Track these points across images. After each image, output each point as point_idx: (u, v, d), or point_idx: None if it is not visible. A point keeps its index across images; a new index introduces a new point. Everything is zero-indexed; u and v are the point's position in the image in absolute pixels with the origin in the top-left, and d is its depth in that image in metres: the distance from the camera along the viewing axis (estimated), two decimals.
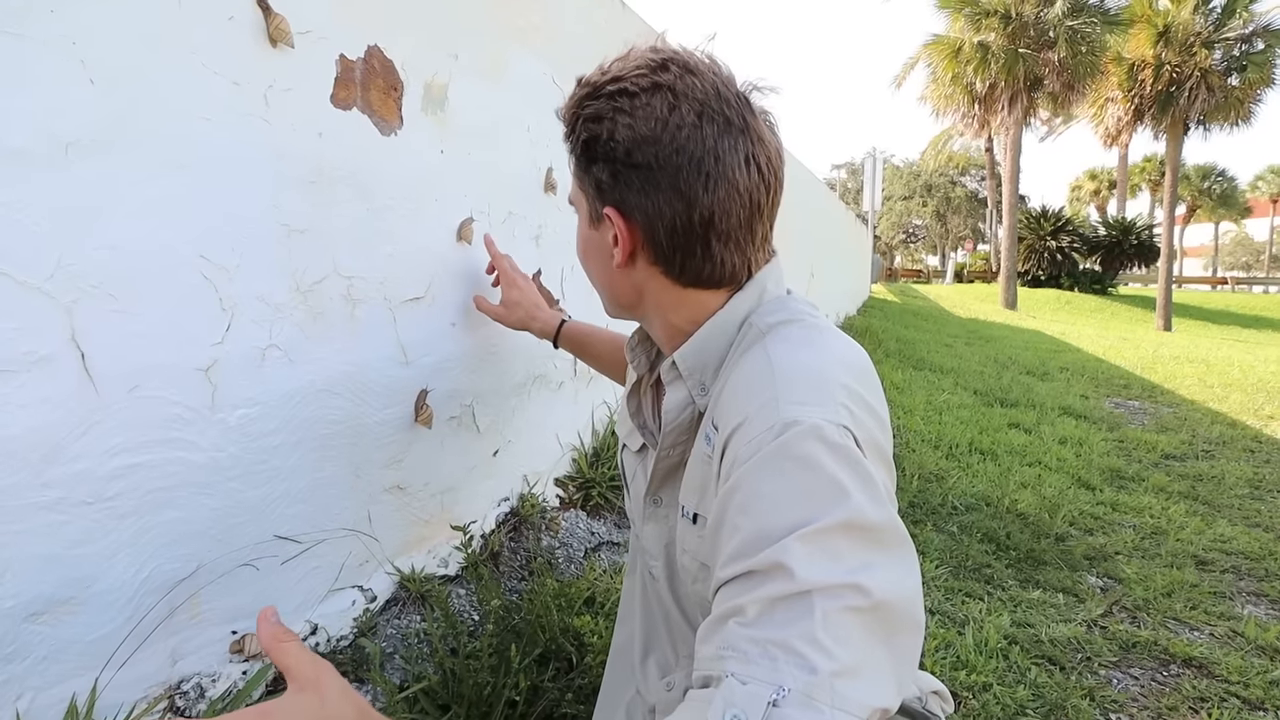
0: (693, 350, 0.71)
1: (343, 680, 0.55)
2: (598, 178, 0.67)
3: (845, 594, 0.49)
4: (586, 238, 0.75)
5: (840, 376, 0.61)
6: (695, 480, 0.69)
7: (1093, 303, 18.10)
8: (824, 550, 0.50)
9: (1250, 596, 2.06)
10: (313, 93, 1.08)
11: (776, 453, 0.55)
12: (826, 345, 0.65)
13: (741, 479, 0.56)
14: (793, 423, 0.55)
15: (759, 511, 0.54)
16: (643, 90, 0.64)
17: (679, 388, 0.71)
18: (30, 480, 0.77)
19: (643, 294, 0.73)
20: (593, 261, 0.76)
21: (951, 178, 38.10)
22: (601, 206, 0.68)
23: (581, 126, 0.67)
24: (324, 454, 1.11)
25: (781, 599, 0.49)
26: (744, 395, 0.62)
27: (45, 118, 0.77)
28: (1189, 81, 14.79)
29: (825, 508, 0.52)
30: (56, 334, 0.78)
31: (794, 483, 0.54)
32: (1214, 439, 4.03)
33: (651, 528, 0.81)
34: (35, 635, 0.79)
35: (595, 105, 0.65)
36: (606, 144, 0.65)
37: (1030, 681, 1.53)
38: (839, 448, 0.54)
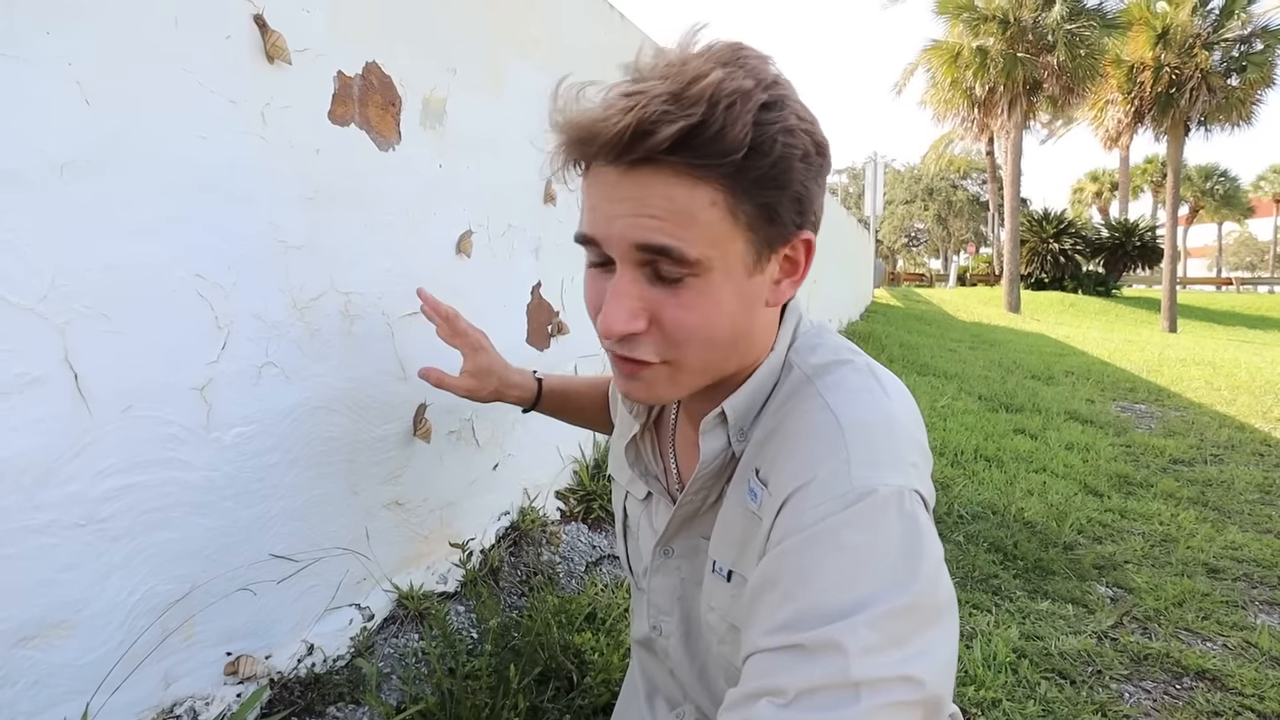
0: (744, 399, 0.63)
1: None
2: (803, 197, 0.55)
3: (896, 688, 0.46)
4: (744, 292, 0.57)
5: (909, 428, 0.57)
6: (733, 535, 0.63)
7: (1097, 305, 18.04)
8: (885, 635, 0.47)
9: (1263, 605, 2.04)
10: (310, 110, 1.07)
11: (847, 523, 0.51)
12: (887, 394, 0.59)
13: (803, 545, 0.52)
14: (868, 492, 0.51)
15: (820, 584, 0.49)
16: (792, 91, 0.55)
17: (718, 435, 0.64)
18: (22, 503, 0.76)
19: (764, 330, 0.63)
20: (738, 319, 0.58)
21: (953, 181, 38.10)
22: (797, 233, 0.57)
23: (781, 143, 0.52)
24: (321, 471, 1.10)
25: (827, 687, 0.46)
26: (807, 453, 0.55)
27: (40, 139, 0.76)
28: (1189, 83, 14.79)
29: (893, 588, 0.48)
30: (49, 355, 0.77)
31: (862, 559, 0.50)
32: (1222, 443, 4.00)
33: (660, 580, 0.75)
34: (26, 660, 0.78)
35: (782, 117, 0.53)
36: (815, 156, 0.55)
37: (1040, 697, 1.50)
38: (910, 518, 0.51)
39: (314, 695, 1.02)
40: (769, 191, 0.53)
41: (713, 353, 0.59)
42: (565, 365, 1.82)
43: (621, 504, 0.83)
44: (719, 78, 0.50)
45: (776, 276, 0.59)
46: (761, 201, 0.54)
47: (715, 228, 0.53)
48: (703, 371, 0.60)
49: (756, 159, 0.52)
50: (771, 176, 0.53)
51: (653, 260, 0.55)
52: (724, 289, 0.55)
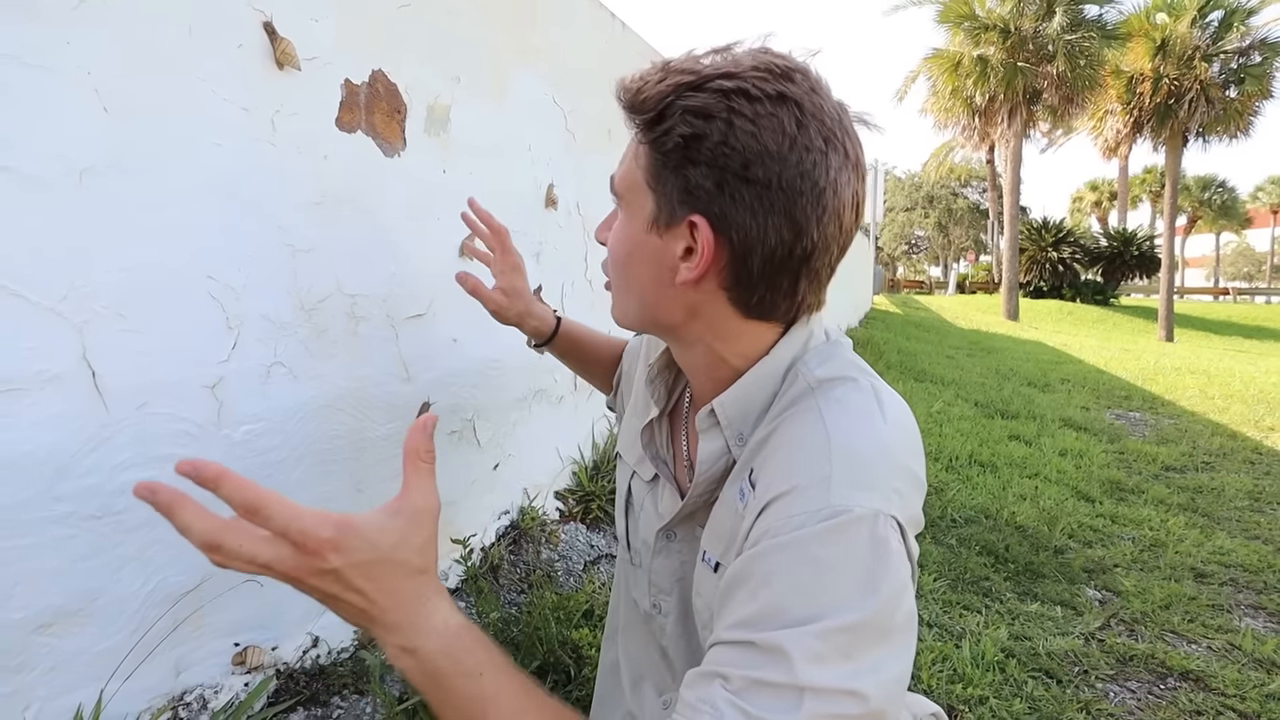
0: (734, 399, 0.65)
1: (433, 532, 0.58)
2: (694, 181, 0.58)
3: (840, 700, 0.48)
4: (638, 241, 0.64)
5: (899, 457, 0.58)
6: (722, 529, 0.65)
7: (1094, 313, 18.10)
8: (833, 647, 0.49)
9: (1248, 609, 2.07)
10: (318, 116, 1.11)
11: (817, 538, 0.52)
12: (884, 419, 0.60)
13: (773, 550, 0.54)
14: (843, 511, 0.53)
15: (782, 589, 0.52)
16: (767, 97, 0.56)
17: (715, 436, 0.66)
18: (42, 494, 0.79)
19: (693, 318, 0.65)
20: (639, 269, 0.65)
21: (953, 189, 38.22)
22: (687, 213, 0.59)
23: (681, 119, 0.57)
24: (327, 469, 1.14)
25: (771, 685, 0.48)
26: (794, 462, 0.57)
27: (61, 145, 0.80)
28: (1188, 94, 14.89)
29: (848, 605, 0.50)
30: (68, 353, 0.81)
31: (826, 573, 0.51)
32: (1214, 451, 4.03)
33: (662, 561, 0.78)
34: (43, 647, 0.81)
35: (702, 99, 0.56)
36: (719, 147, 0.56)
37: (1027, 695, 1.53)
38: (881, 542, 0.52)
39: (319, 686, 1.05)
40: (660, 156, 0.60)
41: (627, 283, 0.68)
42: (564, 368, 1.85)
43: (627, 482, 0.85)
44: (684, 59, 0.60)
45: (680, 255, 0.62)
46: (656, 163, 0.61)
47: (632, 174, 0.64)
48: (628, 300, 0.69)
49: (657, 123, 0.59)
50: (662, 143, 0.59)
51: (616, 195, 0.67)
52: (629, 227, 0.65)
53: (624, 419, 0.90)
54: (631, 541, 0.85)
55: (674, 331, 0.68)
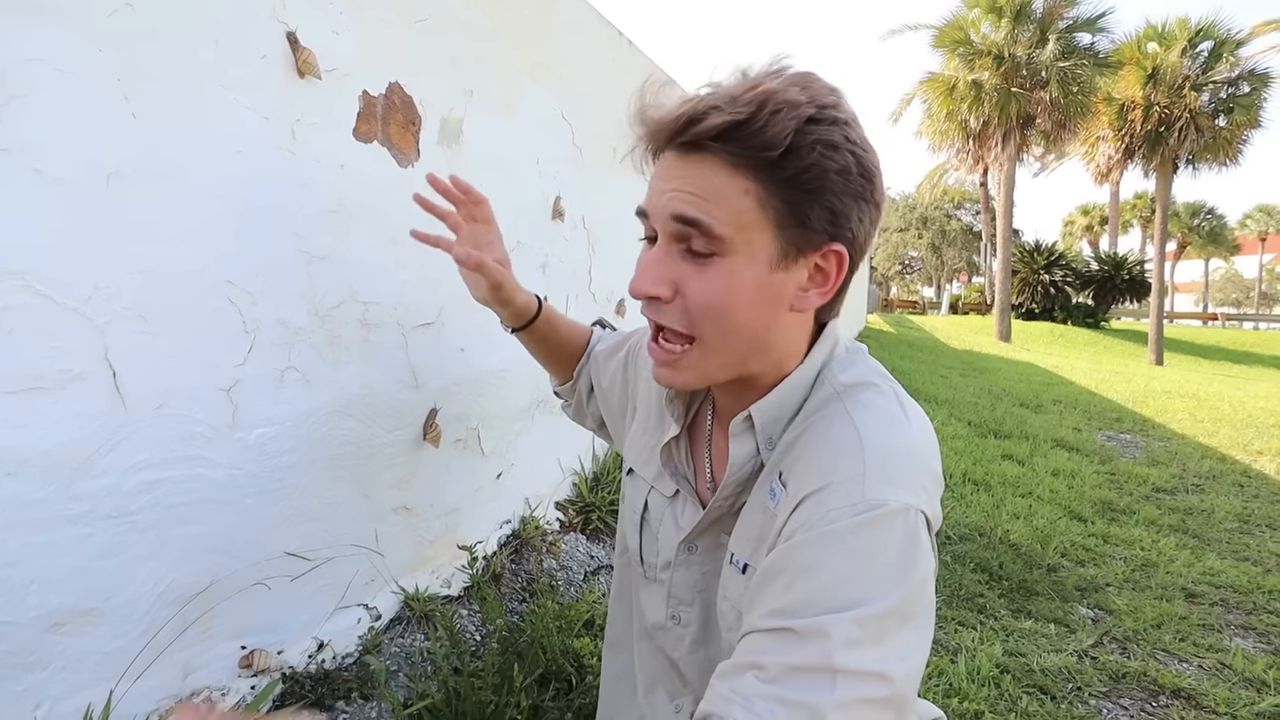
0: (771, 405, 0.67)
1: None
2: (837, 210, 0.59)
3: (870, 683, 0.51)
4: (758, 284, 0.61)
5: (924, 456, 0.61)
6: (751, 531, 0.67)
7: (1086, 336, 18.25)
8: (868, 633, 0.51)
9: (1238, 629, 2.09)
10: (337, 127, 1.13)
11: (853, 530, 0.55)
12: (909, 420, 0.63)
13: (811, 542, 0.56)
14: (879, 504, 0.56)
15: (819, 579, 0.54)
16: (853, 120, 0.59)
17: (747, 440, 0.68)
18: (60, 493, 0.80)
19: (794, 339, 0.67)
20: (753, 312, 0.62)
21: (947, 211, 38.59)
22: (827, 242, 0.61)
23: (818, 154, 0.57)
24: (336, 474, 1.15)
25: (807, 669, 0.50)
26: (827, 461, 0.60)
27: (89, 149, 0.82)
28: (1178, 122, 15.11)
29: (883, 593, 0.53)
30: (91, 353, 0.82)
31: (861, 563, 0.54)
32: (1204, 473, 4.07)
33: (683, 574, 0.79)
34: (56, 646, 0.82)
35: (824, 130, 0.57)
36: (858, 176, 0.59)
37: (1021, 710, 1.55)
38: (911, 534, 0.56)
39: (324, 690, 1.05)
40: (799, 194, 0.58)
41: (731, 337, 0.63)
42: None
43: (644, 498, 0.85)
44: (774, 87, 0.57)
45: (804, 284, 0.62)
46: (791, 200, 0.58)
47: (745, 214, 0.59)
48: (724, 355, 0.64)
49: (791, 159, 0.57)
50: (803, 180, 0.58)
51: (686, 235, 0.60)
52: (745, 272, 0.60)
53: (633, 436, 0.91)
54: (646, 556, 0.86)
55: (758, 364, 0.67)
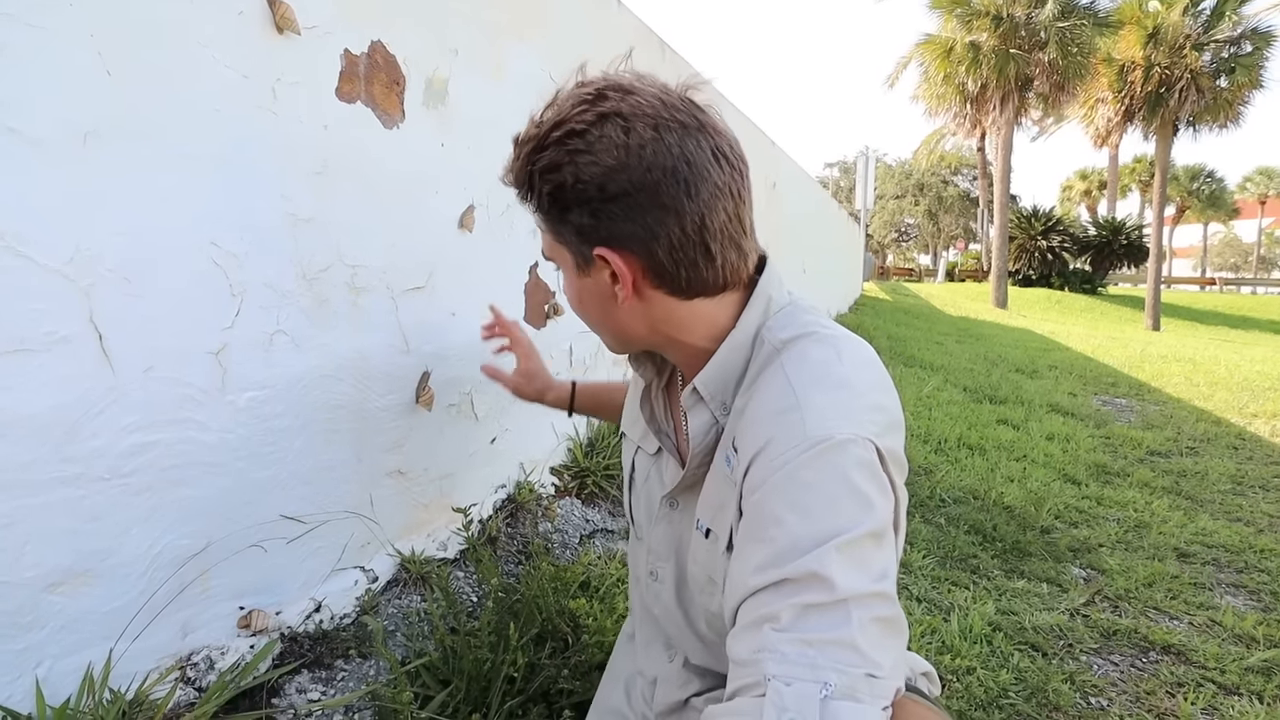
0: (712, 374, 0.70)
1: None
2: (578, 223, 0.65)
3: (874, 603, 0.54)
4: (580, 287, 0.71)
5: (865, 393, 0.63)
6: (713, 497, 0.70)
7: (1082, 302, 18.23)
8: (855, 560, 0.54)
9: (1229, 588, 2.12)
10: (318, 86, 1.11)
11: (805, 465, 0.58)
12: (844, 362, 0.65)
13: (771, 493, 0.59)
14: (823, 439, 0.58)
15: (791, 523, 0.56)
16: (590, 125, 0.62)
17: (701, 411, 0.71)
18: (51, 455, 0.80)
19: (652, 322, 0.71)
20: (592, 308, 0.73)
21: (944, 177, 38.26)
22: (591, 250, 0.66)
23: (540, 180, 0.64)
24: (328, 438, 1.15)
25: (818, 606, 0.53)
26: (766, 418, 0.63)
27: (65, 108, 0.80)
28: (1178, 83, 14.92)
29: (855, 519, 0.55)
30: (75, 315, 0.81)
31: (825, 495, 0.57)
32: (1199, 436, 4.10)
33: (662, 529, 0.82)
34: (53, 606, 0.82)
35: (547, 156, 0.63)
36: (575, 187, 0.63)
37: (1013, 666, 1.57)
38: (865, 462, 0.58)
39: (323, 649, 1.06)
40: (548, 218, 0.67)
41: (595, 327, 0.76)
42: (560, 345, 1.87)
43: (631, 459, 0.89)
44: (527, 127, 0.67)
45: (610, 283, 0.68)
46: (550, 224, 0.68)
47: (547, 240, 0.71)
48: (607, 339, 0.77)
49: (531, 194, 0.66)
50: (544, 207, 0.66)
51: None
52: (567, 282, 0.73)
53: (627, 401, 0.94)
54: (635, 515, 0.90)
55: (645, 343, 0.76)
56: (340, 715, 1.00)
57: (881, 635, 0.53)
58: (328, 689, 1.03)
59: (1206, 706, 1.49)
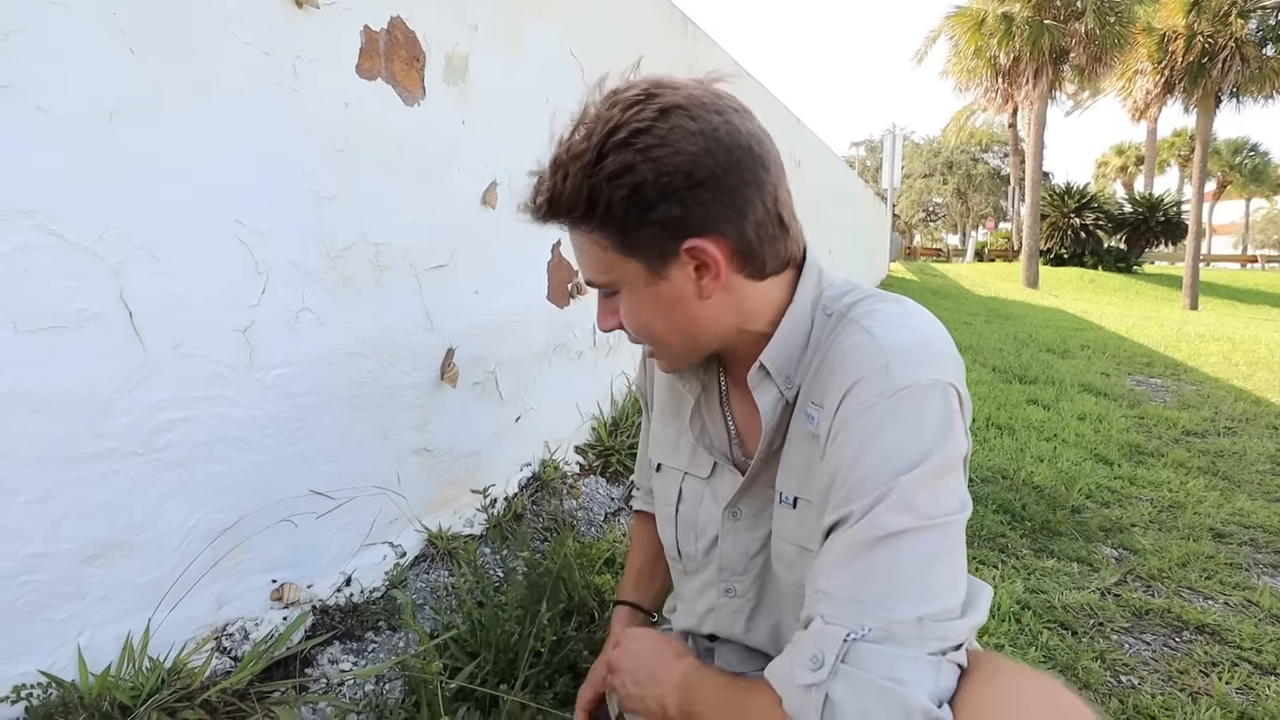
0: (777, 348, 0.70)
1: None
2: (664, 218, 0.62)
3: (934, 535, 0.55)
4: (653, 297, 0.68)
5: (940, 344, 0.65)
6: (797, 465, 0.70)
7: (1117, 281, 17.77)
8: (923, 492, 0.56)
9: (1267, 568, 2.06)
10: (339, 63, 1.11)
11: (889, 409, 0.59)
12: (917, 317, 0.67)
13: (854, 435, 0.60)
14: (909, 384, 0.60)
15: (867, 461, 0.58)
16: (655, 120, 0.61)
17: (769, 387, 0.71)
18: (85, 431, 0.82)
19: (733, 314, 0.70)
20: (668, 316, 0.69)
21: (973, 155, 37.37)
22: (679, 244, 0.64)
23: (611, 187, 0.61)
24: (355, 415, 1.16)
25: (872, 542, 0.55)
26: (852, 364, 0.64)
27: (90, 85, 0.81)
28: (1222, 52, 14.35)
29: (929, 452, 0.57)
30: (106, 293, 0.82)
31: (906, 435, 0.58)
32: (1237, 416, 3.98)
33: (731, 542, 0.80)
34: (93, 576, 0.85)
35: (611, 161, 0.61)
36: (659, 182, 0.61)
37: (1042, 644, 1.55)
38: (947, 404, 0.60)
39: (353, 621, 1.08)
40: (619, 227, 0.63)
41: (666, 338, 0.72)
42: (584, 324, 1.86)
43: (677, 488, 0.86)
44: (564, 147, 0.63)
45: (694, 278, 0.66)
46: (619, 235, 0.64)
47: (604, 259, 0.67)
48: (676, 349, 0.73)
49: (596, 208, 0.62)
50: (614, 216, 0.62)
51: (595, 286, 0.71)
52: (634, 297, 0.69)
53: (655, 431, 0.92)
54: (683, 548, 0.86)
55: (723, 338, 0.72)
56: (371, 684, 1.02)
57: (943, 573, 0.55)
58: (359, 660, 1.05)
59: (1241, 686, 1.45)
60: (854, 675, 0.52)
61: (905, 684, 0.50)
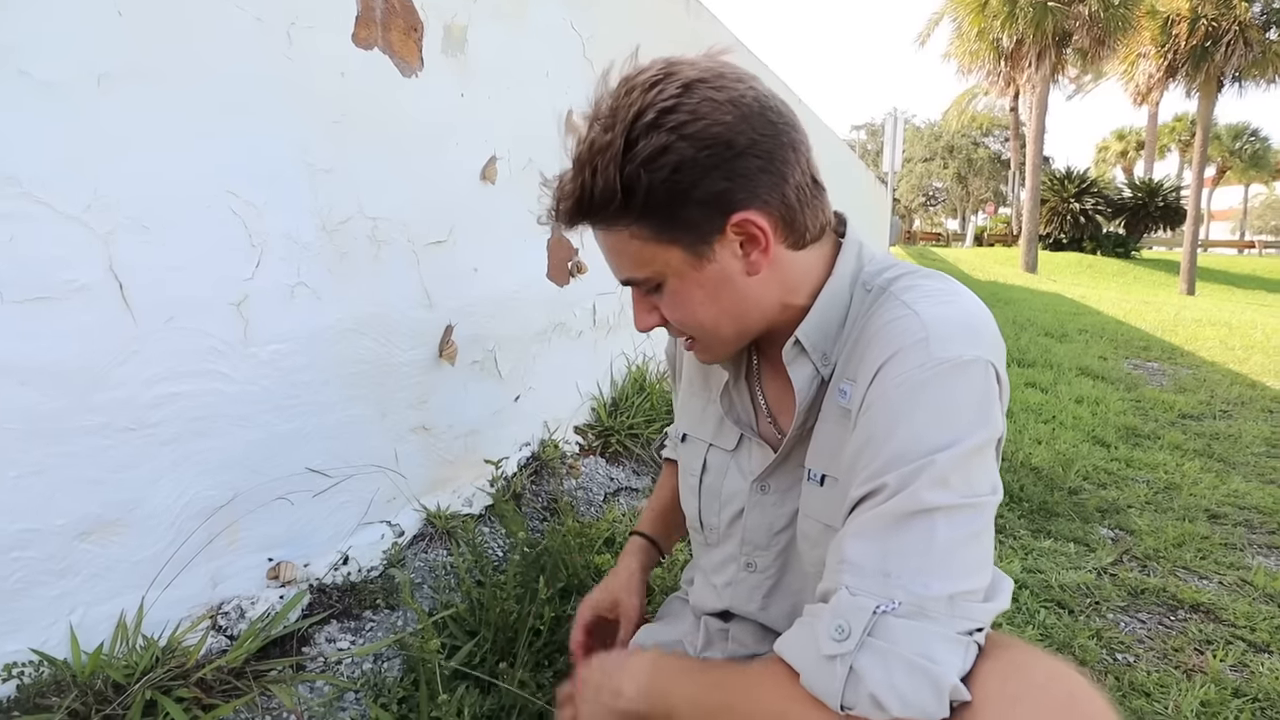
0: (814, 323, 0.69)
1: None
2: (710, 194, 0.60)
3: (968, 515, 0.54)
4: (699, 283, 0.65)
5: (984, 320, 0.63)
6: (830, 441, 0.68)
7: (1115, 266, 17.76)
8: (958, 471, 0.54)
9: (1261, 548, 2.07)
10: (335, 31, 1.08)
11: (926, 383, 0.57)
12: (960, 295, 0.65)
13: (888, 407, 0.59)
14: (949, 359, 0.58)
15: (903, 435, 0.56)
16: (680, 97, 0.59)
17: (804, 363, 0.69)
18: (75, 405, 0.80)
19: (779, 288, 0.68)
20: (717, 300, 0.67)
21: (974, 139, 37.15)
22: (725, 221, 0.62)
23: (648, 173, 0.59)
24: (352, 392, 1.14)
25: (906, 516, 0.53)
26: (891, 338, 0.62)
27: (76, 49, 0.78)
28: (1225, 35, 14.23)
29: (968, 430, 0.56)
30: (95, 263, 0.80)
31: (943, 410, 0.57)
32: (1233, 399, 3.99)
33: (756, 517, 0.79)
34: (86, 554, 0.83)
35: (643, 146, 0.58)
36: (702, 156, 0.59)
37: (1039, 623, 1.56)
38: (985, 381, 0.58)
39: (351, 600, 1.07)
40: (661, 213, 0.61)
41: (712, 327, 0.69)
42: (584, 303, 1.84)
43: (701, 459, 0.85)
44: (586, 143, 0.61)
45: (740, 255, 0.64)
46: (660, 221, 0.62)
47: (644, 252, 0.64)
48: (722, 336, 0.70)
49: (633, 197, 0.60)
50: (655, 202, 0.60)
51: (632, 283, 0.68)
52: (680, 285, 0.66)
53: (683, 401, 0.91)
54: (706, 519, 0.85)
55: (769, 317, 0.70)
56: (369, 663, 1.02)
57: (971, 551, 0.54)
58: (356, 639, 1.05)
59: (1236, 663, 1.46)
60: (882, 649, 0.50)
61: (937, 662, 0.49)
